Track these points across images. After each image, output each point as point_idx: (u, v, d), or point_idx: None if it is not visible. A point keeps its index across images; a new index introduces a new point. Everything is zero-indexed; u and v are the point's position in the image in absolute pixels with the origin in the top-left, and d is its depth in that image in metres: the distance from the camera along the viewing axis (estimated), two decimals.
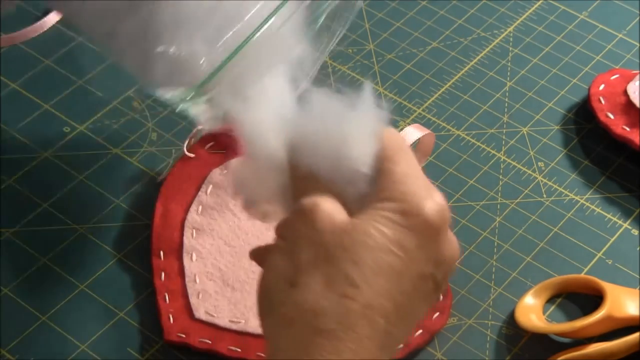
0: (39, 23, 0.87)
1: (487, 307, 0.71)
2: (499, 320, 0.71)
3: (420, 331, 0.69)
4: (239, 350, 0.68)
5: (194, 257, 0.72)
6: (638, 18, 0.89)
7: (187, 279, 0.71)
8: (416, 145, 0.68)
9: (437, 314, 0.70)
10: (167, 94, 0.64)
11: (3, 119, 0.81)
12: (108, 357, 0.68)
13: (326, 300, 0.54)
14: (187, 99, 0.63)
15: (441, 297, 0.70)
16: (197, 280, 0.71)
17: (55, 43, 0.86)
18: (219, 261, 0.72)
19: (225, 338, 0.68)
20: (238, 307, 0.69)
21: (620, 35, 0.88)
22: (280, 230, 0.58)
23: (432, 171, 0.78)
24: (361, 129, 0.57)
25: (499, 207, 0.76)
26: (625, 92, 0.81)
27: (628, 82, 0.81)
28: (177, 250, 0.72)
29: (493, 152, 0.80)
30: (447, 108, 0.82)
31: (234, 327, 0.68)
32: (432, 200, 0.56)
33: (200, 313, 0.69)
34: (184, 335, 0.68)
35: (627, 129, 0.79)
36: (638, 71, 0.83)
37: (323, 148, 0.57)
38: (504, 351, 0.69)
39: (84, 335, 0.69)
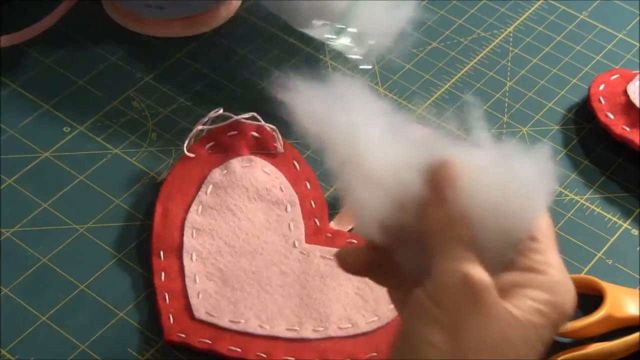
0: (39, 23, 0.87)
1: None
2: None
3: None
4: (239, 350, 0.68)
5: (194, 257, 0.72)
6: (638, 18, 0.89)
7: (187, 279, 0.71)
8: None
9: None
10: (316, 30, 0.73)
11: (3, 119, 0.81)
12: (108, 357, 0.68)
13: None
14: (333, 34, 0.73)
15: None
16: (197, 280, 0.71)
17: (55, 43, 0.86)
18: (219, 261, 0.72)
19: (226, 338, 0.68)
20: (238, 307, 0.69)
21: (620, 35, 0.88)
22: (434, 295, 0.52)
23: None
24: (535, 197, 0.53)
25: None
26: (625, 92, 0.81)
27: (628, 82, 0.81)
28: (177, 250, 0.72)
29: None
30: (447, 108, 0.82)
31: (234, 327, 0.68)
32: (573, 293, 0.54)
33: (200, 313, 0.69)
34: (184, 335, 0.68)
35: (627, 129, 0.79)
36: (638, 71, 0.83)
37: (491, 204, 0.52)
38: None
39: (84, 335, 0.69)
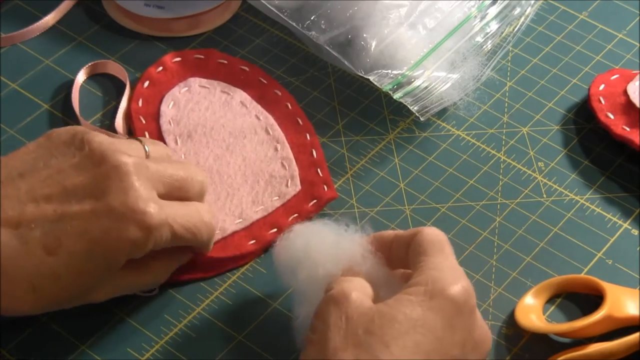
0: (39, 23, 0.87)
1: (487, 307, 0.71)
2: (499, 320, 0.71)
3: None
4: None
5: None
6: (638, 18, 0.89)
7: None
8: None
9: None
10: (380, 83, 0.79)
11: (3, 119, 0.81)
12: (108, 357, 0.68)
13: None
14: (395, 87, 0.79)
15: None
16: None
17: (55, 43, 0.86)
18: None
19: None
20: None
21: (620, 35, 0.88)
22: (313, 324, 0.61)
23: (432, 171, 0.78)
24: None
25: (499, 207, 0.76)
26: (625, 92, 0.81)
27: (628, 82, 0.81)
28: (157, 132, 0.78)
29: (493, 152, 0.80)
30: (447, 108, 0.82)
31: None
32: (457, 284, 0.60)
33: None
34: None
35: (627, 129, 0.79)
36: (638, 71, 0.83)
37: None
38: (504, 351, 0.69)
39: (84, 335, 0.69)
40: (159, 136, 0.78)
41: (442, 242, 0.63)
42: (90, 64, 0.83)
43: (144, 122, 0.78)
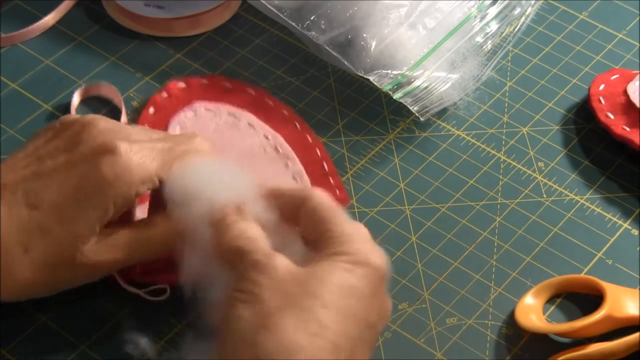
0: (39, 23, 0.87)
1: (487, 307, 0.71)
2: (499, 320, 0.71)
3: None
4: None
5: None
6: (638, 18, 0.89)
7: None
8: None
9: None
10: (380, 83, 0.80)
11: (3, 119, 0.81)
12: (108, 357, 0.68)
13: (300, 338, 0.57)
14: (395, 87, 0.79)
15: None
16: None
17: (55, 43, 0.86)
18: None
19: None
20: None
21: (620, 35, 0.88)
22: (238, 286, 0.60)
23: (432, 171, 0.78)
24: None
25: (499, 207, 0.76)
26: (625, 92, 0.81)
27: (628, 82, 0.81)
28: None
29: (493, 152, 0.80)
30: (447, 108, 0.82)
31: None
32: (378, 254, 0.62)
33: None
34: None
35: (627, 129, 0.79)
36: (638, 71, 0.83)
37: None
38: (504, 351, 0.69)
39: (84, 335, 0.69)
40: None
41: (337, 209, 0.64)
42: (83, 87, 0.81)
43: None
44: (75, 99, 0.81)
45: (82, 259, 0.65)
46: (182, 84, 0.82)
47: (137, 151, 0.66)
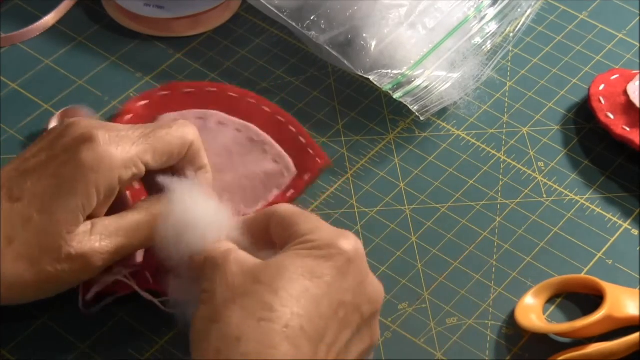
0: (39, 23, 0.87)
1: (487, 307, 0.71)
2: (499, 320, 0.71)
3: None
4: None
5: None
6: (638, 18, 0.89)
7: None
8: None
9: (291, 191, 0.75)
10: (380, 82, 0.80)
11: (3, 119, 0.81)
12: (108, 357, 0.68)
13: (246, 326, 0.58)
14: (395, 87, 0.79)
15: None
16: None
17: (55, 43, 0.86)
18: None
19: None
20: None
21: (620, 35, 0.88)
22: (203, 286, 0.62)
23: (432, 171, 0.78)
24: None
25: (499, 207, 0.76)
26: (625, 92, 0.81)
27: (628, 82, 0.81)
28: None
29: (493, 152, 0.80)
30: (448, 108, 0.82)
31: None
32: (346, 238, 0.61)
33: None
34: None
35: (627, 129, 0.79)
36: (638, 71, 0.83)
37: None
38: (504, 351, 0.69)
39: (84, 335, 0.69)
40: (139, 181, 0.74)
41: (303, 211, 0.65)
42: (62, 111, 0.80)
43: None
44: (53, 125, 0.79)
45: (68, 249, 0.64)
46: (142, 102, 0.81)
47: (116, 137, 0.66)
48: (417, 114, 0.79)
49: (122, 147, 0.65)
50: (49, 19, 0.87)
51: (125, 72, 0.84)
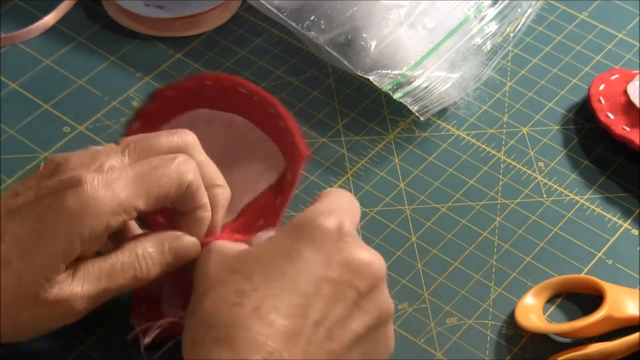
0: (39, 23, 0.87)
1: (487, 307, 0.71)
2: (499, 320, 0.71)
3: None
4: None
5: None
6: (638, 18, 0.89)
7: None
8: None
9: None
10: (380, 83, 0.80)
11: (3, 119, 0.81)
12: (108, 357, 0.68)
13: (218, 312, 0.58)
14: (395, 87, 0.79)
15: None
16: None
17: (55, 43, 0.86)
18: None
19: None
20: None
21: (620, 35, 0.88)
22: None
23: (432, 171, 0.78)
24: None
25: (499, 207, 0.76)
26: (625, 92, 0.81)
27: (628, 82, 0.81)
28: None
29: (493, 152, 0.80)
30: (448, 108, 0.82)
31: None
32: (327, 214, 0.61)
33: None
34: None
35: (627, 129, 0.79)
36: (638, 71, 0.83)
37: None
38: (504, 351, 0.69)
39: (84, 335, 0.69)
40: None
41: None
42: None
43: None
44: None
45: (45, 296, 0.61)
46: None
47: (105, 181, 0.62)
48: (417, 114, 0.79)
49: (111, 191, 0.61)
50: (49, 19, 0.87)
51: (125, 72, 0.84)
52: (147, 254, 0.64)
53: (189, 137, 0.66)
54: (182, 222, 0.66)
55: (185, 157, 0.65)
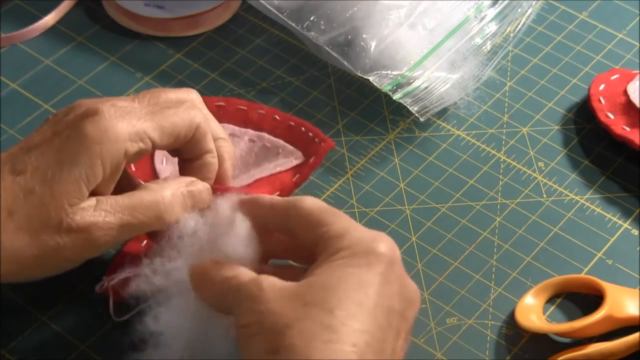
0: (39, 23, 0.87)
1: (487, 307, 0.71)
2: (499, 320, 0.71)
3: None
4: None
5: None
6: (638, 18, 0.89)
7: None
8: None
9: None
10: (379, 83, 0.80)
11: (3, 119, 0.81)
12: (108, 357, 0.68)
13: (313, 349, 0.55)
14: (394, 87, 0.79)
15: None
16: None
17: (55, 43, 0.86)
18: None
19: None
20: None
21: (620, 35, 0.88)
22: (239, 323, 0.59)
23: (432, 171, 0.78)
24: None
25: (499, 207, 0.77)
26: (625, 92, 0.81)
27: (628, 82, 0.81)
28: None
29: (493, 152, 0.80)
30: (448, 108, 0.82)
31: None
32: (382, 241, 0.60)
33: None
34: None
35: (627, 129, 0.79)
36: (638, 71, 0.83)
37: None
38: (504, 351, 0.69)
39: (84, 335, 0.69)
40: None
41: (330, 207, 0.63)
42: None
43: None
44: None
45: (69, 221, 0.62)
46: None
47: (121, 111, 0.65)
48: (416, 115, 0.79)
49: (127, 120, 0.64)
50: (49, 19, 0.87)
51: (125, 72, 0.84)
52: (168, 195, 0.66)
53: (193, 94, 0.70)
54: (192, 168, 0.68)
55: (193, 104, 0.68)
